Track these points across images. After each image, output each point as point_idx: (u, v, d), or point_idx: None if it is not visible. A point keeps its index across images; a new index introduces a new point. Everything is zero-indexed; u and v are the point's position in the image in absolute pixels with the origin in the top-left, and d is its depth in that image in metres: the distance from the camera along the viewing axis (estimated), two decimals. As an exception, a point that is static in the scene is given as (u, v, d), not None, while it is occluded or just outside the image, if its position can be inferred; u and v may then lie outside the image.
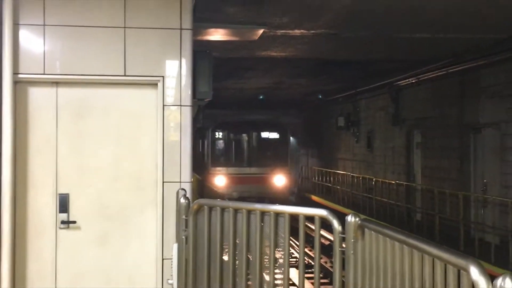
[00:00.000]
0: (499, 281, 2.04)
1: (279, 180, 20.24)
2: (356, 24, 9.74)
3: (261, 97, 20.66)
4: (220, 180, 19.95)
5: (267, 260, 4.10)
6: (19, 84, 5.43)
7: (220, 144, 21.05)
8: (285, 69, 15.67)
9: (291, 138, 22.44)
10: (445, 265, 2.51)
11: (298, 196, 23.57)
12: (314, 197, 21.88)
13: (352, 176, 19.38)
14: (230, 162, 20.55)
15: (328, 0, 8.09)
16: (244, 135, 20.89)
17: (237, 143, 20.92)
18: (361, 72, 16.33)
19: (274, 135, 21.33)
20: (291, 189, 21.19)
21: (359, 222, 3.39)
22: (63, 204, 5.49)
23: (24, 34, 5.39)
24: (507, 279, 2.01)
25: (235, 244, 4.29)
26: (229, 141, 20.96)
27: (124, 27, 5.48)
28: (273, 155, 20.64)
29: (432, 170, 15.10)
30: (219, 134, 21.03)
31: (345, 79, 17.78)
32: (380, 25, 9.83)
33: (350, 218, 3.43)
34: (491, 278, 2.15)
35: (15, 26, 5.33)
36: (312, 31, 10.21)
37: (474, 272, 2.22)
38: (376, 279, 3.16)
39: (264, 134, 21.19)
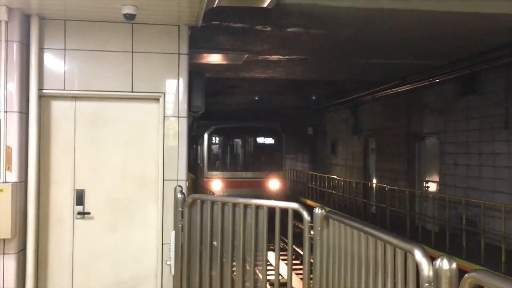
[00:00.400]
0: (438, 262, 2.06)
1: (274, 184, 17.39)
2: (323, 51, 9.79)
3: (256, 98, 18.12)
4: (216, 184, 17.04)
5: (249, 245, 4.09)
6: (43, 98, 5.38)
7: (216, 149, 18.01)
8: (265, 87, 15.67)
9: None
10: (394, 248, 2.52)
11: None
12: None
13: (320, 176, 19.40)
14: (226, 167, 17.60)
15: (300, 33, 8.12)
16: (239, 140, 17.90)
17: (233, 148, 17.94)
18: (327, 90, 16.39)
19: (269, 140, 18.30)
20: (285, 192, 18.45)
21: (325, 213, 3.40)
22: (79, 198, 5.44)
23: (48, 57, 5.34)
24: (445, 260, 2.04)
25: (222, 231, 4.27)
26: (225, 146, 17.94)
27: (132, 52, 5.45)
28: (268, 159, 17.75)
29: (384, 171, 15.18)
30: (215, 139, 17.98)
31: (314, 96, 17.84)
32: (342, 52, 9.89)
33: (317, 210, 3.44)
34: (432, 259, 2.16)
35: (41, 50, 5.29)
36: (287, 57, 10.24)
37: (418, 255, 2.24)
38: (339, 260, 3.17)
39: (260, 139, 18.16)
